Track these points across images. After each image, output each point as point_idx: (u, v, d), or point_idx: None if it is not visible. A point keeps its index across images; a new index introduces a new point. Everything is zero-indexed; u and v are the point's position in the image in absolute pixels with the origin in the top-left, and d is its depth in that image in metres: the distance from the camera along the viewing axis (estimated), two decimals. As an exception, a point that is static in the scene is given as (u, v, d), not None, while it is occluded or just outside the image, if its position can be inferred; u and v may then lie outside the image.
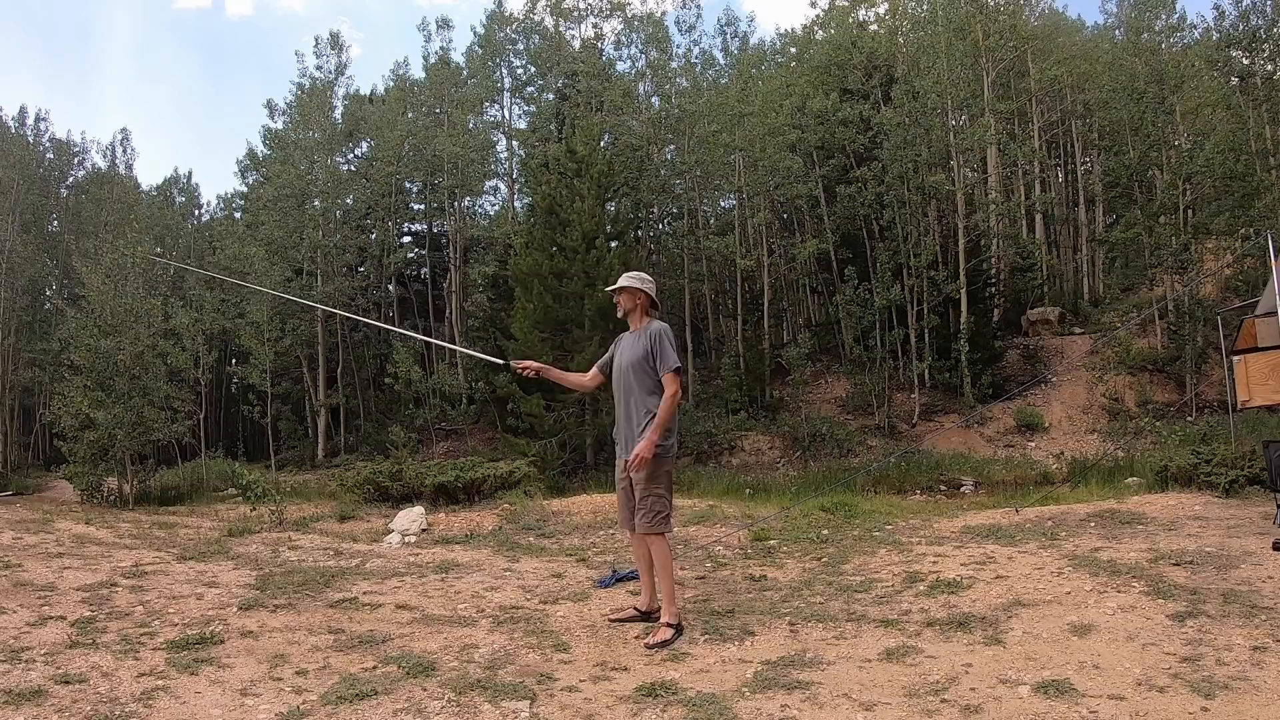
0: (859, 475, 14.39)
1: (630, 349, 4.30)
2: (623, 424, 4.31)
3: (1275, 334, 7.77)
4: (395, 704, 3.07)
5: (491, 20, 29.74)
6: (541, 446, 17.04)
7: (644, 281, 4.37)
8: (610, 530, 8.18)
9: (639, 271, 4.50)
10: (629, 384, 4.24)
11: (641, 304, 4.35)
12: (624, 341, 4.41)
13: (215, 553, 6.54)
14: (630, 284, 4.34)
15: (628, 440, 4.23)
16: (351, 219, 27.42)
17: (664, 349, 4.16)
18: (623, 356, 4.33)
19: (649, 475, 4.09)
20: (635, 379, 4.21)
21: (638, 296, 4.36)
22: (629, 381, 4.24)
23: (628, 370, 4.25)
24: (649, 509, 4.10)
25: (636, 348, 4.26)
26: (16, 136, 28.79)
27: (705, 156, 23.17)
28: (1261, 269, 16.18)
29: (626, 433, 4.27)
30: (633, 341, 4.31)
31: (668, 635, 3.94)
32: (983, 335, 20.79)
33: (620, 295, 4.38)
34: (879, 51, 25.23)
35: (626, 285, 4.36)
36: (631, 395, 4.23)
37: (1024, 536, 6.11)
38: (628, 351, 4.30)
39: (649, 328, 4.28)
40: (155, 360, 16.32)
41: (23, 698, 3.03)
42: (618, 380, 4.34)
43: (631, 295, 4.35)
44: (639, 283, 4.35)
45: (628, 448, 4.19)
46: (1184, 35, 25.40)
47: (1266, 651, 3.30)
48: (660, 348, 4.17)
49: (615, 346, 4.48)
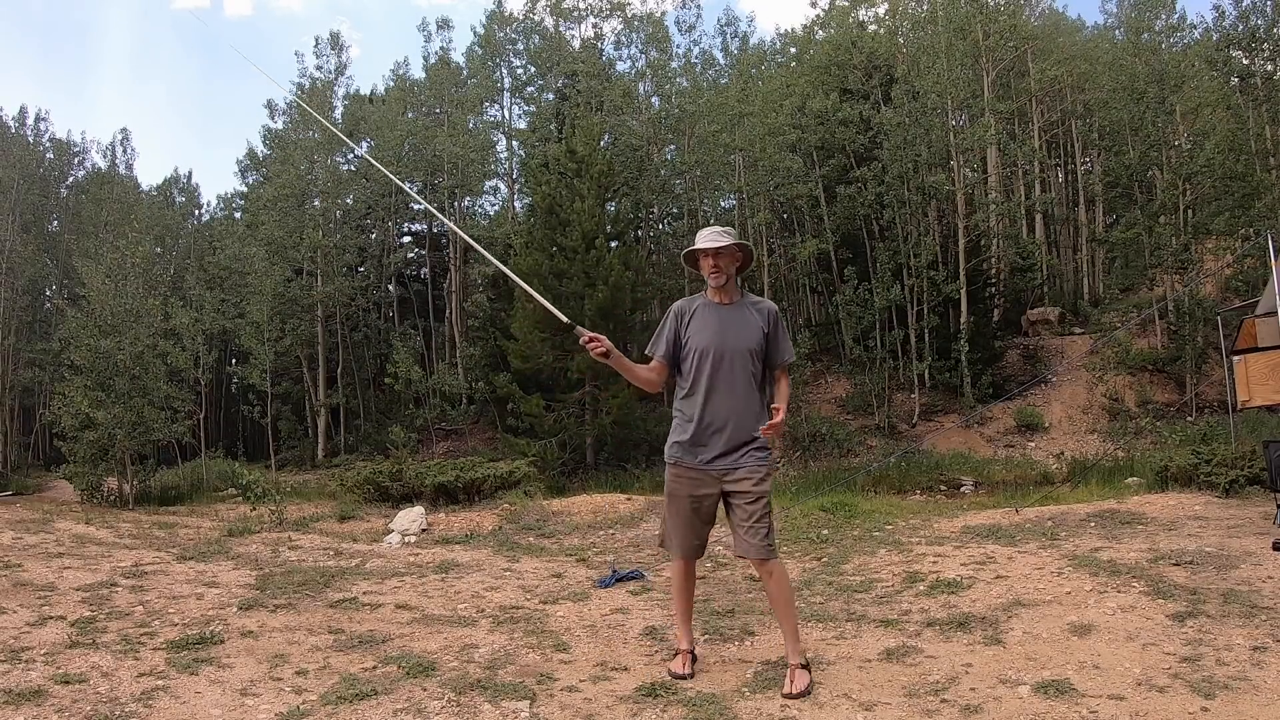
0: (859, 475, 14.39)
1: (738, 326, 3.29)
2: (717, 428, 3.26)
3: (1275, 334, 7.77)
4: (395, 704, 3.07)
5: (491, 20, 29.74)
6: (541, 446, 17.04)
7: (738, 237, 3.38)
8: (610, 530, 8.18)
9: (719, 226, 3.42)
10: (743, 372, 3.26)
11: (737, 269, 3.40)
12: (710, 315, 3.34)
13: (215, 553, 6.53)
14: (726, 242, 3.28)
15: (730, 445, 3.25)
16: (351, 219, 27.43)
17: (785, 334, 3.37)
18: (725, 336, 3.28)
19: (768, 489, 3.28)
20: (752, 366, 3.28)
21: (737, 257, 3.38)
22: (744, 370, 3.26)
23: (743, 355, 3.27)
24: (770, 527, 3.24)
25: (749, 327, 3.30)
26: (16, 136, 28.82)
27: (705, 156, 23.17)
28: (1261, 269, 16.19)
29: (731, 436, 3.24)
30: (738, 318, 3.32)
31: (808, 681, 3.18)
32: (983, 335, 20.79)
33: (711, 257, 3.29)
34: (879, 51, 25.23)
35: (723, 245, 3.27)
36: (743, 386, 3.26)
37: (1024, 536, 6.11)
38: (733, 328, 3.28)
39: (758, 303, 3.38)
40: (155, 360, 16.34)
41: (23, 698, 3.03)
42: (715, 364, 3.26)
43: (731, 256, 3.35)
44: (735, 238, 3.35)
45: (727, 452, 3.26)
46: (1184, 35, 25.38)
47: (1266, 651, 3.30)
48: (783, 332, 3.35)
49: (687, 322, 3.37)
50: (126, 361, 15.23)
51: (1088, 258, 27.26)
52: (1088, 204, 28.22)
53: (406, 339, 24.81)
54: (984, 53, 22.77)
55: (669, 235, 26.46)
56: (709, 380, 3.27)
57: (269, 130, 30.47)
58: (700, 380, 3.29)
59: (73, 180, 32.23)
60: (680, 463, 3.35)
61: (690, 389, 3.33)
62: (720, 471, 3.27)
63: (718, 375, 3.26)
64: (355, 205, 27.72)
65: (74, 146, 32.77)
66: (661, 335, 3.40)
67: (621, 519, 8.67)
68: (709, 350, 3.26)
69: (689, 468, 3.32)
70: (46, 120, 30.82)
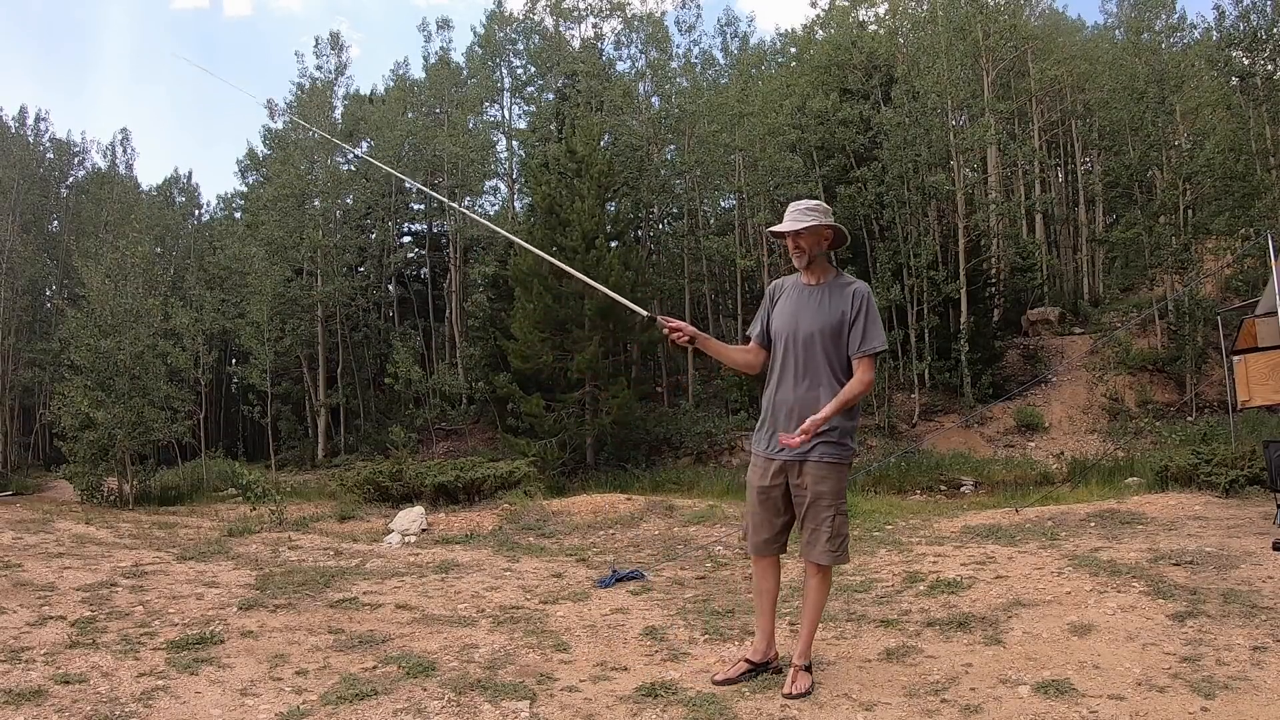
0: (859, 475, 14.39)
1: (814, 308, 3.08)
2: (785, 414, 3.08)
3: (1275, 334, 7.78)
4: (395, 704, 3.07)
5: (491, 20, 29.77)
6: (541, 446, 17.04)
7: (828, 214, 3.13)
8: (610, 530, 8.18)
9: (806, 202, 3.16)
10: (812, 358, 3.06)
11: (827, 246, 3.17)
12: (794, 296, 3.18)
13: (215, 553, 6.54)
14: (802, 225, 3.06)
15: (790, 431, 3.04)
16: (351, 219, 27.44)
17: (872, 321, 3.04)
18: (799, 318, 3.11)
19: (834, 488, 3.06)
20: (825, 351, 3.04)
21: (826, 235, 3.15)
22: (813, 354, 3.05)
23: (815, 338, 3.06)
24: (836, 531, 3.05)
25: (828, 309, 3.06)
26: (16, 136, 28.85)
27: (705, 156, 23.18)
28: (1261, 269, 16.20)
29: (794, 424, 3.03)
30: (818, 299, 3.10)
31: (809, 683, 3.12)
32: (983, 335, 20.79)
33: (789, 239, 3.11)
34: (879, 51, 25.22)
35: (809, 225, 3.06)
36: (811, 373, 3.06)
37: (1024, 536, 6.11)
38: (808, 310, 3.08)
39: (847, 285, 3.10)
40: (155, 360, 16.35)
41: (23, 698, 3.03)
42: (786, 347, 3.11)
43: (817, 235, 3.12)
44: (826, 217, 3.09)
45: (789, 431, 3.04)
46: (1184, 35, 25.41)
47: (1266, 651, 3.30)
48: (868, 319, 3.03)
49: (775, 303, 3.23)
50: (126, 361, 15.24)
51: (1088, 258, 27.26)
52: (1088, 204, 28.22)
53: (406, 339, 24.84)
54: (984, 53, 22.77)
55: (669, 235, 26.46)
56: (780, 364, 3.15)
57: (269, 130, 30.53)
58: (774, 364, 3.18)
59: (73, 180, 32.26)
60: (754, 450, 3.25)
61: (768, 373, 3.22)
62: (785, 462, 3.10)
63: (788, 359, 3.11)
64: (355, 205, 27.74)
65: (74, 146, 32.82)
66: (758, 317, 3.30)
67: (621, 519, 8.68)
68: (782, 333, 3.14)
69: (758, 455, 3.22)
70: (46, 120, 30.88)
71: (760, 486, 3.19)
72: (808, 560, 3.15)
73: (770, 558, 3.27)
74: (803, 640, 3.20)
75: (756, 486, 3.21)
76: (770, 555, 3.26)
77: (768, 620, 3.32)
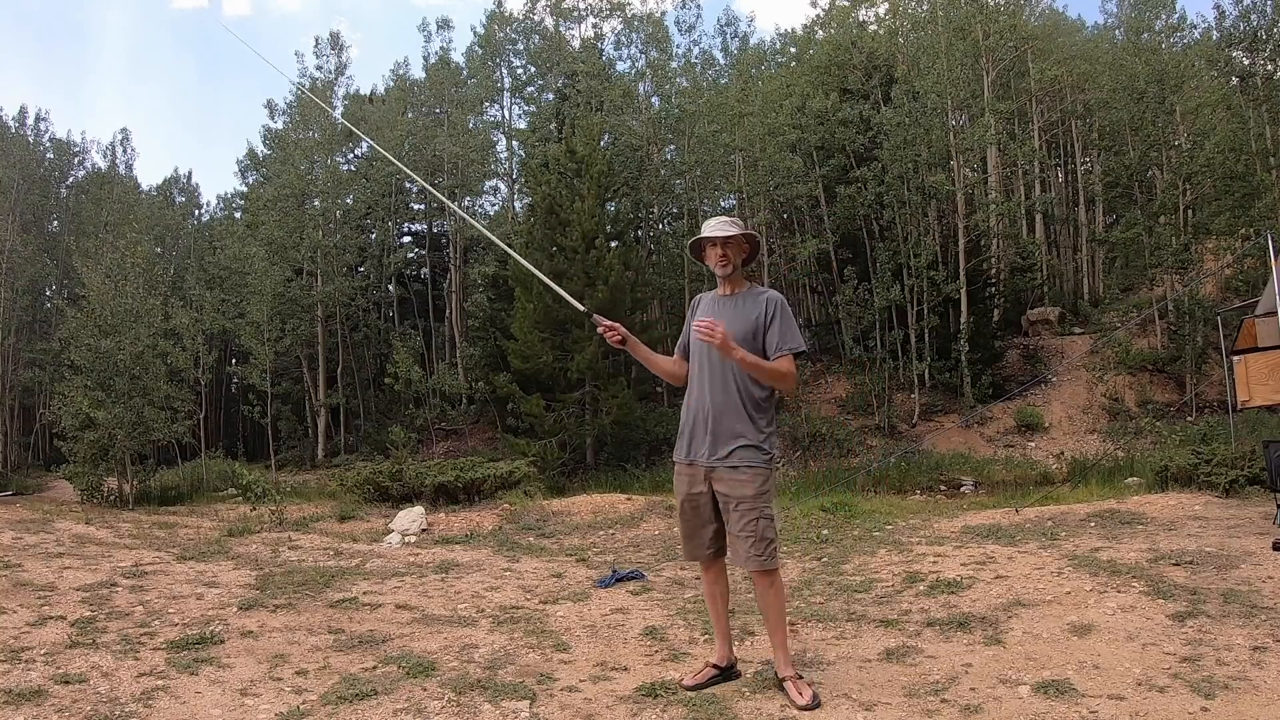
0: (859, 475, 14.39)
1: (729, 316, 3.12)
2: (701, 421, 3.14)
3: (1275, 334, 7.79)
4: (395, 704, 3.07)
5: (491, 20, 29.79)
6: (541, 446, 17.04)
7: (745, 227, 3.21)
8: (610, 530, 8.19)
9: (726, 216, 3.36)
10: (729, 365, 3.07)
11: (743, 260, 3.25)
12: (712, 307, 3.25)
13: (215, 553, 6.54)
14: (734, 231, 3.14)
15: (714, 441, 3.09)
16: (351, 219, 27.45)
17: (787, 323, 3.10)
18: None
19: (755, 492, 3.03)
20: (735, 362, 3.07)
21: (744, 247, 3.23)
22: (729, 362, 3.06)
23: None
24: (759, 535, 3.02)
25: (743, 316, 3.13)
26: (16, 136, 28.84)
27: (705, 156, 23.17)
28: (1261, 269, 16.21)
29: (716, 432, 3.09)
30: (732, 308, 3.17)
31: (811, 691, 3.06)
32: (983, 335, 20.79)
33: (719, 247, 3.16)
34: (879, 51, 25.24)
35: (730, 234, 3.14)
36: (725, 380, 3.11)
37: (1024, 536, 6.11)
38: (724, 319, 3.07)
39: (761, 293, 3.19)
40: (155, 360, 16.34)
41: (23, 698, 3.03)
42: (705, 357, 3.15)
43: (739, 247, 3.20)
44: (743, 228, 3.19)
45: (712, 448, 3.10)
46: (1184, 35, 25.43)
47: (1266, 651, 3.30)
48: (783, 321, 3.10)
49: (694, 315, 3.29)
50: (126, 361, 15.24)
51: (1088, 258, 27.27)
52: (1088, 204, 28.23)
53: (406, 339, 24.82)
54: (984, 53, 22.76)
55: (669, 235, 26.45)
56: (697, 372, 3.19)
57: (269, 130, 30.52)
58: (692, 373, 3.23)
59: (73, 180, 32.27)
60: (676, 459, 3.29)
61: (688, 382, 3.27)
62: (706, 469, 3.12)
63: (704, 367, 3.16)
64: (355, 205, 27.75)
65: (74, 147, 32.82)
66: (683, 329, 3.37)
67: (621, 519, 8.68)
68: (699, 342, 3.14)
69: (680, 463, 3.25)
70: (46, 120, 30.87)
71: (689, 494, 3.20)
72: (739, 566, 3.16)
73: (714, 563, 3.31)
74: (779, 650, 3.18)
75: (685, 494, 3.22)
76: (709, 561, 3.30)
77: (723, 624, 3.37)
